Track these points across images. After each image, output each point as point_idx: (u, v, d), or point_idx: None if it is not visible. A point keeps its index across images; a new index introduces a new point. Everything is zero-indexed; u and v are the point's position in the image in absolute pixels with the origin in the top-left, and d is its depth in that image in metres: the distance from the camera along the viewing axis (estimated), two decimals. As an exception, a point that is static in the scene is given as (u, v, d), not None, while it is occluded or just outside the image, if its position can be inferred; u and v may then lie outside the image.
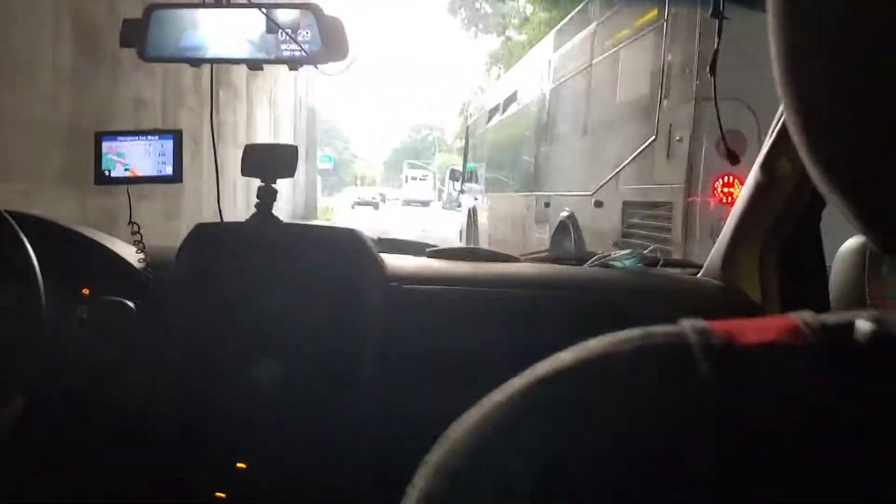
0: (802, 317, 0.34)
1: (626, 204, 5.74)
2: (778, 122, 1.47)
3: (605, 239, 6.03)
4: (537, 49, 10.20)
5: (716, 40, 1.08)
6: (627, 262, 1.89)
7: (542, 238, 7.87)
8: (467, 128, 14.60)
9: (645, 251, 1.96)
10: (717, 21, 1.07)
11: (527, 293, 1.65)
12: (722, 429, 0.31)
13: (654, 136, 5.21)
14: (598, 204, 6.28)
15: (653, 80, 5.41)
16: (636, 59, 5.77)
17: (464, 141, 14.93)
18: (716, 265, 1.79)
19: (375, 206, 38.00)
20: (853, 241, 1.58)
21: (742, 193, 1.67)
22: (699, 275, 1.88)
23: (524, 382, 0.36)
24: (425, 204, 39.81)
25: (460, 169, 14.69)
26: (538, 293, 1.65)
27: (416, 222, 23.91)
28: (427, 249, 1.95)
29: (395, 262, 1.70)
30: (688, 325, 0.35)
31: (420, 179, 43.53)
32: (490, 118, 11.80)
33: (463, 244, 12.62)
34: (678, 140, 4.91)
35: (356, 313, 1.49)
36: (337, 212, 29.67)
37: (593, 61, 6.78)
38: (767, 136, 1.51)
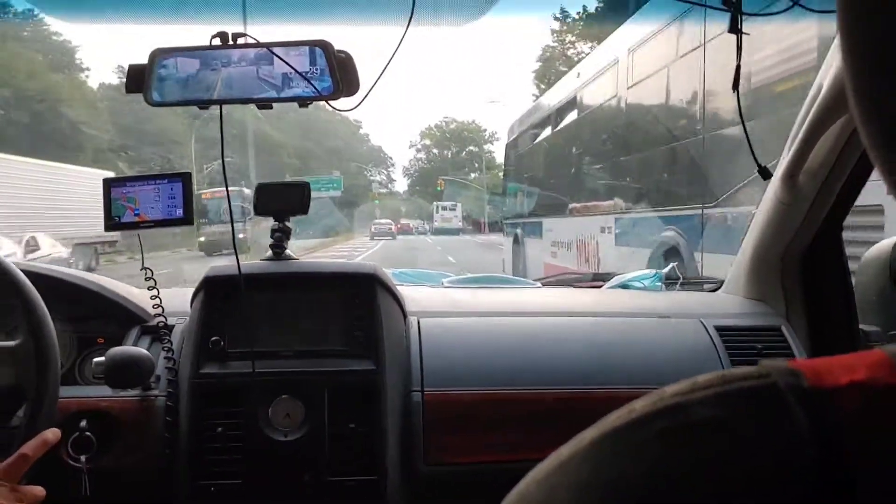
0: (891, 350, 0.31)
1: None
2: (796, 135, 1.45)
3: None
4: (607, 46, 8.14)
5: (737, 57, 1.06)
6: (647, 282, 1.87)
7: (624, 265, 6.14)
8: (507, 146, 12.84)
9: (664, 269, 1.94)
10: (736, 37, 1.04)
11: (547, 320, 1.62)
12: (825, 487, 0.28)
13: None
14: (723, 218, 4.93)
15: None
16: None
17: (505, 161, 13.23)
18: (737, 280, 1.77)
19: (393, 236, 36.80)
20: (877, 249, 1.56)
21: (761, 207, 1.65)
22: (721, 290, 1.85)
23: (594, 434, 0.33)
24: (455, 233, 40.06)
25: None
26: (559, 319, 1.62)
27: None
28: (443, 280, 1.93)
29: (413, 294, 1.67)
30: (770, 365, 0.32)
31: (450, 209, 43.90)
32: (538, 132, 10.34)
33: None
34: None
35: (376, 349, 1.46)
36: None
37: (699, 45, 5.29)
38: (786, 150, 1.49)
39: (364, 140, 65.72)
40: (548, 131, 9.88)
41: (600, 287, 1.98)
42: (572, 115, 8.73)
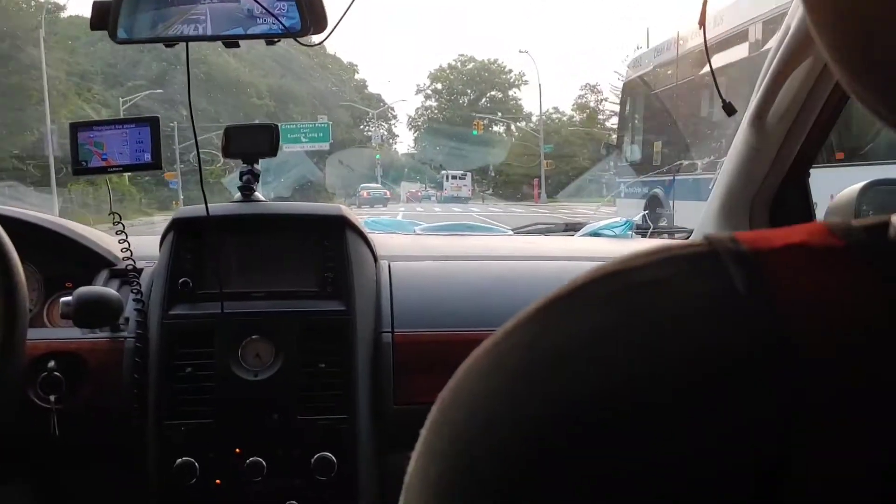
0: (829, 221, 0.32)
1: None
2: (764, 77, 1.45)
3: None
4: None
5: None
6: (618, 230, 1.88)
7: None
8: (626, 85, 10.78)
9: (635, 218, 1.95)
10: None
11: (518, 263, 1.63)
12: (763, 341, 0.28)
13: None
14: None
15: None
16: None
17: (623, 105, 11.08)
18: (706, 227, 1.78)
19: (384, 203, 32.30)
20: (843, 196, 1.58)
21: (730, 152, 1.65)
22: (689, 239, 1.87)
23: (539, 303, 0.33)
24: (465, 201, 37.99)
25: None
26: (530, 263, 1.63)
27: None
28: (415, 228, 1.94)
29: (385, 240, 1.68)
30: (709, 235, 0.33)
31: (460, 178, 41.46)
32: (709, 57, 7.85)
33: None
34: None
35: (347, 291, 1.46)
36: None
37: None
38: (754, 94, 1.50)
39: (360, 87, 54.08)
40: (740, 52, 7.46)
41: (572, 236, 2.00)
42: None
